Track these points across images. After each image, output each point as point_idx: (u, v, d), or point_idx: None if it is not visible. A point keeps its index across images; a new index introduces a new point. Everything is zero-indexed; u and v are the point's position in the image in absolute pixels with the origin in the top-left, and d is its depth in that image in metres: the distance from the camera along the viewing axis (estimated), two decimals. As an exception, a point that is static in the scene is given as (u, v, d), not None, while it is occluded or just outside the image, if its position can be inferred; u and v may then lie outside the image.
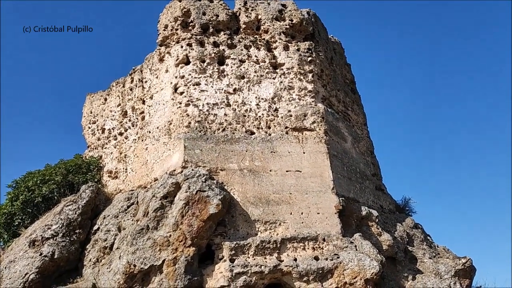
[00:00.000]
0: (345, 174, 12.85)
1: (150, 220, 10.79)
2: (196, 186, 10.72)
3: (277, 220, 11.17)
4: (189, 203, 10.58)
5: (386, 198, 14.56)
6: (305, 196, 11.61)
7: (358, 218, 12.23)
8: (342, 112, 14.51)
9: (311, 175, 11.92)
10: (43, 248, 11.29)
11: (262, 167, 11.78)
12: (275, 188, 11.54)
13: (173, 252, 10.22)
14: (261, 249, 10.63)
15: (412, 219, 14.06)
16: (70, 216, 11.89)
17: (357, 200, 12.82)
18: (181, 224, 10.45)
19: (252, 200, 11.26)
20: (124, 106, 14.47)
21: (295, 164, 11.98)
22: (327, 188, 11.81)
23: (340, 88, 14.99)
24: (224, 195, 10.75)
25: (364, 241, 11.29)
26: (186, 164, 11.38)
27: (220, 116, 12.27)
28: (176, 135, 11.98)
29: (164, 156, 12.18)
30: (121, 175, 13.56)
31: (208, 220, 10.43)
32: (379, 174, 15.23)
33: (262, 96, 12.75)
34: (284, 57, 13.38)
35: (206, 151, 11.66)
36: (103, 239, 11.47)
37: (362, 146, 14.94)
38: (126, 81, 14.86)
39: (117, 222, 11.73)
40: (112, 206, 12.41)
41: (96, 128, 15.31)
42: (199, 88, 12.54)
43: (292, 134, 12.38)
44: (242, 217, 11.02)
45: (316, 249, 10.99)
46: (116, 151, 14.04)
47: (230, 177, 11.47)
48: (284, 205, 11.39)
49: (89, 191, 12.38)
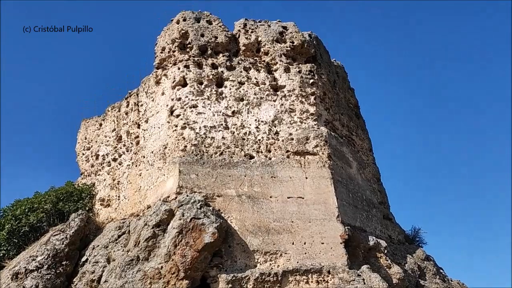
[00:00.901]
0: (351, 201, 12.08)
1: (141, 251, 10.00)
2: (191, 213, 9.98)
3: (278, 251, 10.35)
4: (182, 232, 9.81)
5: (395, 228, 13.70)
6: (308, 224, 10.82)
7: (365, 249, 11.37)
8: (346, 137, 13.87)
9: (314, 202, 11.16)
10: (26, 281, 10.46)
11: (262, 193, 11.05)
12: (275, 215, 10.78)
13: (164, 286, 9.38)
14: (260, 282, 9.77)
15: (423, 251, 13.17)
16: (57, 246, 11.10)
17: (364, 229, 12.00)
18: (173, 255, 9.65)
19: (251, 229, 10.48)
20: (119, 131, 13.90)
21: (297, 190, 11.25)
22: (332, 216, 11.03)
23: (343, 112, 14.41)
24: (220, 223, 9.99)
25: (372, 274, 10.40)
26: (181, 189, 10.68)
27: (217, 139, 11.65)
28: (171, 159, 11.34)
29: (158, 182, 11.50)
30: (114, 203, 12.85)
31: (203, 250, 9.64)
32: (386, 202, 14.43)
33: (262, 119, 12.17)
34: (285, 79, 12.88)
35: (202, 176, 10.98)
36: (91, 271, 10.65)
37: (368, 173, 14.21)
38: (121, 105, 14.36)
39: (106, 253, 10.93)
40: (102, 236, 11.63)
41: (90, 154, 14.71)
42: (196, 110, 11.99)
43: (293, 158, 11.71)
44: (240, 247, 10.22)
45: (321, 282, 10.12)
46: (109, 178, 13.38)
47: (228, 203, 10.74)
48: (286, 234, 10.59)
49: (78, 219, 11.64)
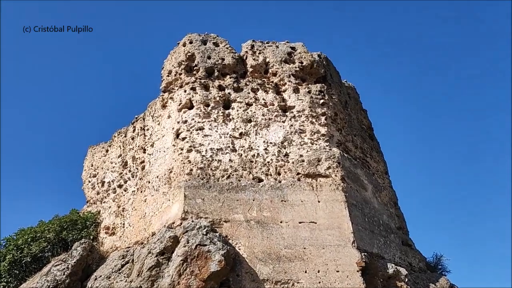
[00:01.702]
0: (367, 226, 11.37)
1: (144, 281, 9.41)
2: (196, 240, 9.41)
3: (290, 280, 9.65)
4: (187, 260, 9.23)
5: (415, 255, 12.87)
6: (321, 251, 10.14)
7: (384, 277, 10.58)
8: (360, 159, 13.27)
9: (327, 227, 10.50)
10: (24, 314, 9.91)
11: (272, 218, 10.45)
12: (286, 242, 10.13)
13: (168, 319, 8.74)
14: (271, 314, 9.07)
15: (447, 279, 12.28)
16: (58, 277, 10.57)
17: (382, 256, 11.23)
18: (178, 285, 9.03)
19: (260, 256, 9.84)
20: (124, 157, 13.55)
21: (309, 214, 10.62)
22: (347, 242, 10.33)
23: (356, 133, 13.87)
24: (227, 250, 9.38)
25: (393, 304, 9.62)
26: (186, 215, 10.15)
27: (224, 162, 11.18)
28: (176, 184, 10.86)
29: (163, 207, 11.00)
30: (118, 231, 12.34)
31: (209, 280, 9.01)
32: (405, 227, 13.64)
33: (270, 140, 11.69)
34: (294, 100, 12.46)
35: (208, 201, 10.45)
36: (92, 303, 10.06)
37: (384, 196, 13.51)
38: (128, 130, 14.07)
39: (108, 284, 10.34)
40: (105, 266, 11.07)
41: (96, 181, 14.34)
42: (203, 133, 11.59)
43: (304, 181, 11.13)
44: (249, 276, 9.56)
45: (337, 314, 9.36)
46: (115, 205, 12.93)
47: (235, 229, 10.15)
48: (298, 262, 9.91)
49: (81, 248, 11.13)
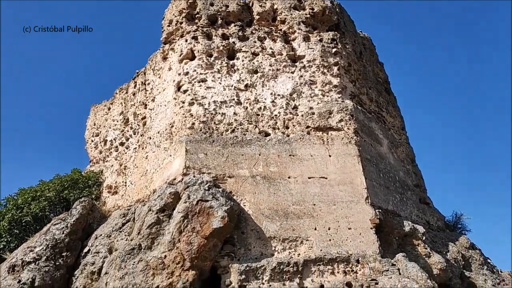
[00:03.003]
0: (382, 182, 10.64)
1: (143, 238, 8.91)
2: (197, 195, 8.82)
3: (298, 237, 9.05)
4: (188, 216, 8.66)
5: (433, 213, 12.15)
6: (332, 207, 9.48)
7: (399, 235, 9.93)
8: (375, 113, 12.40)
9: (339, 183, 9.81)
10: (22, 274, 9.55)
11: (279, 173, 9.77)
12: (295, 198, 9.48)
13: (168, 277, 8.25)
14: (278, 273, 8.52)
15: (467, 238, 11.58)
16: (57, 236, 10.16)
17: (398, 213, 10.54)
18: (178, 242, 8.51)
19: (267, 213, 9.23)
20: (126, 114, 12.92)
21: (319, 169, 9.92)
22: (360, 198, 9.65)
23: (372, 86, 12.95)
24: (231, 206, 8.78)
25: (409, 263, 8.96)
26: (188, 170, 9.53)
27: (229, 116, 10.45)
28: (177, 139, 10.21)
29: (164, 163, 10.40)
30: (121, 190, 11.85)
31: (211, 237, 8.46)
32: (422, 185, 12.88)
33: (278, 92, 10.88)
34: (304, 49, 11.54)
35: (211, 155, 9.80)
36: (91, 262, 9.64)
37: (401, 153, 12.70)
38: (129, 86, 13.38)
39: (108, 243, 9.90)
40: (105, 225, 10.62)
41: (99, 140, 13.80)
42: (205, 85, 10.82)
43: (314, 134, 10.37)
44: (254, 233, 8.99)
45: (349, 273, 8.77)
46: (117, 164, 12.40)
47: (240, 185, 9.51)
48: (307, 219, 9.28)
49: (80, 207, 10.67)
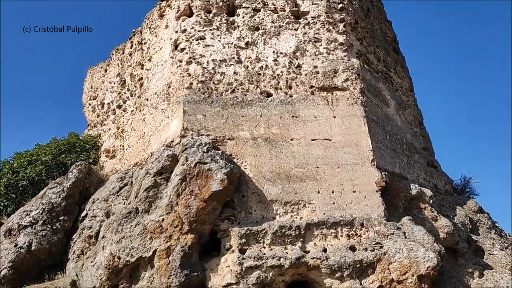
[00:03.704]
0: (388, 144, 10.23)
1: (141, 202, 8.63)
2: (196, 157, 8.47)
3: (301, 201, 8.74)
4: (186, 179, 8.34)
5: (441, 177, 11.78)
6: (336, 170, 9.12)
7: (406, 199, 9.60)
8: (383, 73, 11.86)
9: (344, 145, 9.41)
10: (19, 238, 9.37)
11: (281, 135, 9.38)
12: (297, 161, 9.12)
13: (166, 241, 8.01)
14: (280, 236, 8.26)
15: (475, 202, 11.23)
16: (53, 200, 9.93)
17: (405, 176, 10.18)
18: (176, 205, 8.23)
19: (268, 176, 8.89)
20: (123, 75, 12.45)
21: (323, 131, 9.51)
22: (365, 160, 9.27)
23: (379, 45, 12.35)
24: (231, 169, 8.44)
25: (415, 227, 8.68)
26: (186, 132, 9.15)
27: (228, 75, 9.97)
28: (175, 99, 9.79)
29: (162, 125, 10.02)
30: (118, 154, 11.54)
31: (210, 200, 8.16)
32: (430, 148, 12.46)
33: (281, 51, 10.34)
34: (309, 5, 10.91)
35: (210, 117, 9.39)
36: (88, 226, 9.43)
37: (408, 115, 12.23)
38: (126, 46, 12.86)
39: (106, 207, 9.66)
40: (103, 189, 10.36)
41: (96, 104, 13.40)
42: (204, 42, 10.29)
43: (319, 94, 9.91)
44: (255, 196, 8.68)
45: (352, 236, 8.50)
46: (114, 127, 12.05)
47: (241, 147, 9.14)
48: (310, 182, 8.94)
49: (77, 171, 10.38)
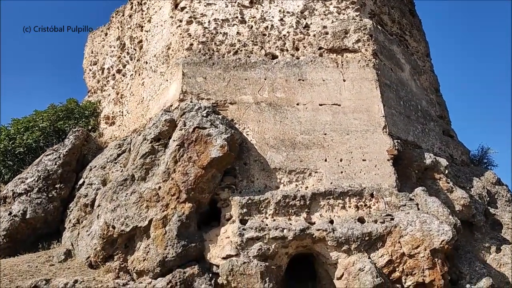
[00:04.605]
0: (402, 110, 9.57)
1: (137, 169, 8.17)
2: (194, 122, 7.93)
3: (306, 169, 8.21)
4: (184, 145, 7.83)
5: (458, 147, 11.11)
6: (345, 137, 8.53)
7: (419, 169, 9.00)
8: (398, 36, 11.08)
9: (353, 110, 8.79)
10: (13, 206, 9.04)
11: (287, 99, 8.78)
12: (304, 127, 8.54)
13: (162, 210, 7.57)
14: (283, 207, 7.77)
15: (493, 173, 10.59)
16: (49, 167, 9.54)
17: (419, 145, 9.56)
18: (173, 173, 7.75)
19: (272, 143, 8.35)
20: (123, 38, 11.85)
21: (331, 95, 8.88)
22: (377, 127, 8.66)
23: (394, 5, 11.51)
24: (231, 134, 7.90)
25: (429, 198, 8.11)
26: (185, 96, 8.60)
27: (231, 36, 9.32)
28: (174, 61, 9.19)
29: (161, 89, 9.47)
30: (118, 120, 11.06)
31: (209, 167, 7.66)
32: (446, 116, 11.75)
33: (288, 10, 9.62)
34: (318, -40, 10.08)
35: (211, 80, 8.80)
36: (84, 194, 9.04)
37: (424, 81, 11.49)
38: (126, 8, 12.20)
39: (103, 174, 9.25)
40: (101, 156, 9.94)
41: (97, 69, 12.86)
42: (205, 1, 9.62)
43: (328, 56, 9.23)
44: (258, 164, 8.16)
45: (361, 207, 7.98)
46: (114, 92, 11.53)
47: (243, 112, 8.58)
48: (317, 149, 8.38)
49: (73, 137, 9.95)
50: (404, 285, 7.47)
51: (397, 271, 7.50)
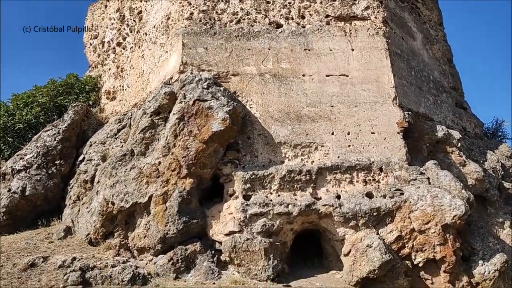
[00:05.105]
0: (413, 80, 9.13)
1: (136, 144, 7.89)
2: (194, 94, 7.59)
3: (313, 143, 7.87)
4: (184, 118, 7.51)
5: (471, 119, 10.67)
6: (353, 109, 8.15)
7: (431, 142, 8.63)
8: (409, 3, 10.53)
9: (362, 81, 8.38)
10: (12, 182, 8.84)
11: (292, 70, 8.38)
12: (310, 99, 8.17)
13: (163, 186, 7.32)
14: (288, 182, 7.48)
15: (508, 146, 10.18)
16: (48, 143, 9.30)
17: (430, 117, 9.15)
18: (173, 147, 7.46)
19: (276, 116, 8.00)
20: (122, 9, 11.40)
21: (339, 65, 8.46)
22: (386, 98, 8.26)
23: (406, -30, 10.90)
24: (234, 107, 7.56)
25: (441, 172, 7.76)
26: (185, 67, 8.23)
27: (233, 4, 8.87)
28: (174, 32, 8.80)
29: (160, 61, 9.10)
30: (118, 95, 10.74)
31: (211, 141, 7.35)
32: (460, 88, 11.27)
33: (293, -25, 9.11)
34: None
35: (212, 50, 8.41)
36: (84, 171, 8.81)
37: (436, 50, 10.98)
38: (125, -23, 11.71)
39: (102, 150, 8.99)
40: (101, 131, 9.67)
41: (97, 43, 12.46)
42: (206, -33, 9.13)
43: (335, 25, 8.77)
44: (262, 138, 7.84)
45: (370, 182, 7.67)
46: (114, 66, 11.17)
47: (246, 84, 8.21)
48: (323, 122, 8.02)
49: (72, 112, 9.68)
50: (413, 261, 7.21)
51: (407, 248, 7.23)
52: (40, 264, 6.63)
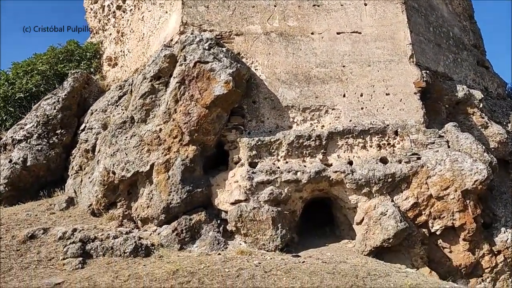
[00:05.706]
0: (431, 37, 8.48)
1: (136, 110, 7.51)
2: (195, 56, 7.10)
3: (323, 106, 7.38)
4: (185, 82, 7.06)
5: (493, 79, 10.02)
6: (366, 69, 7.59)
7: (451, 103, 8.07)
8: (428, -47, 9.72)
9: (376, 38, 7.78)
10: (13, 153, 8.59)
11: (300, 28, 7.81)
12: (319, 59, 7.62)
13: (164, 153, 6.95)
14: (297, 148, 7.05)
15: (533, 107, 9.54)
16: (48, 112, 8.98)
17: (450, 76, 8.54)
18: (174, 113, 7.05)
19: (284, 78, 7.49)
20: (121, -31, 10.81)
21: (351, 22, 7.85)
22: (402, 56, 7.67)
23: None
24: (237, 69, 7.07)
25: (461, 134, 7.24)
26: (185, 28, 7.72)
27: (236, -43, 8.23)
28: (173, -10, 8.25)
29: (160, 23, 8.59)
30: (120, 61, 10.30)
31: (213, 106, 6.91)
32: (481, 46, 10.55)
33: None
34: None
35: (214, 8, 7.86)
36: (84, 140, 8.50)
37: (457, 6, 10.22)
38: None
39: (103, 118, 8.64)
40: (102, 99, 9.30)
41: (98, 7, 11.93)
42: None
43: (346, -23, 8.10)
44: (268, 102, 7.37)
45: (384, 147, 7.20)
46: (115, 31, 10.69)
47: (251, 44, 7.68)
48: (334, 84, 7.50)
49: (72, 79, 9.29)
50: (431, 229, 6.82)
51: (423, 215, 6.83)
52: (40, 236, 6.40)
